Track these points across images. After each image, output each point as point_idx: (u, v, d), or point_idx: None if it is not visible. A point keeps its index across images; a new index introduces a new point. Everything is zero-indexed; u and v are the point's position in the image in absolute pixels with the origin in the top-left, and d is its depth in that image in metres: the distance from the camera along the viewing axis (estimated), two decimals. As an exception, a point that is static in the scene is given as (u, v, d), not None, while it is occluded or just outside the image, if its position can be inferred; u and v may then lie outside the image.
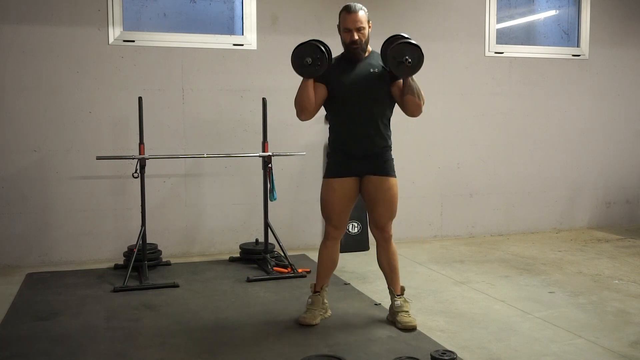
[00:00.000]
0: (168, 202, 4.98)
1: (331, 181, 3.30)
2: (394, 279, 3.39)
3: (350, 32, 3.23)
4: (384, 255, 3.37)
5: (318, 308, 3.34)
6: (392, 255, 3.37)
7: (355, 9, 3.22)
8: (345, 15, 3.23)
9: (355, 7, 3.23)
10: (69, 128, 4.72)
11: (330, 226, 3.33)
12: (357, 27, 3.22)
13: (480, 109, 5.79)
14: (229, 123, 5.06)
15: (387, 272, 3.39)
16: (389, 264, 3.37)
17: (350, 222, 5.16)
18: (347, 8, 3.24)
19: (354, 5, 3.25)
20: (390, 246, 3.36)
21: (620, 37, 6.19)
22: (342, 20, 3.26)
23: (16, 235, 4.66)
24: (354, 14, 3.21)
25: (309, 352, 2.90)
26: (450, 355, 2.75)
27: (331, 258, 3.37)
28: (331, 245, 3.34)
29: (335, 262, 3.40)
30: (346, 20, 3.23)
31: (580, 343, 3.06)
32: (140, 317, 3.44)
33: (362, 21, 3.22)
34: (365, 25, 3.24)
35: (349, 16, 3.21)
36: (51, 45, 4.63)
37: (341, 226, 3.33)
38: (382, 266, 3.41)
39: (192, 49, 4.95)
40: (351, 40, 3.25)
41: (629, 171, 6.43)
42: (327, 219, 3.34)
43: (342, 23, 3.27)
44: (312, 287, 3.43)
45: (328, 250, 3.35)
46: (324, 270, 3.38)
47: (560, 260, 4.87)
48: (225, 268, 4.59)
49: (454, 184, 5.77)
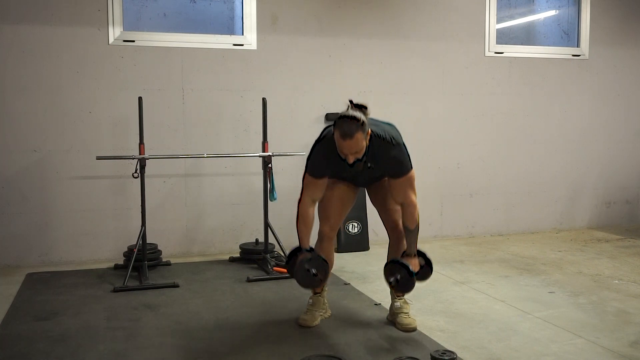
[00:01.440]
0: (168, 202, 4.98)
1: (334, 179, 3.26)
2: None
3: (345, 155, 2.92)
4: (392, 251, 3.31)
5: (318, 309, 3.34)
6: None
7: (351, 133, 2.82)
8: (339, 140, 2.87)
9: (351, 131, 2.82)
10: (69, 128, 4.72)
11: (327, 226, 3.27)
12: (352, 152, 2.89)
13: (480, 109, 5.79)
14: (229, 123, 5.06)
15: None
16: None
17: (350, 222, 5.16)
18: (342, 132, 2.84)
19: (349, 126, 2.83)
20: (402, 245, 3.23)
21: (620, 37, 6.19)
22: (337, 140, 2.90)
23: (16, 235, 4.66)
24: (348, 140, 2.83)
25: (309, 352, 2.90)
26: (450, 355, 2.75)
27: (328, 259, 3.35)
28: (327, 247, 3.29)
29: (332, 261, 3.39)
30: (340, 145, 2.88)
31: (580, 343, 3.06)
32: (140, 317, 3.44)
33: (359, 143, 2.86)
34: (362, 145, 2.88)
35: (344, 143, 2.85)
36: (51, 45, 4.63)
37: (337, 227, 3.31)
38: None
39: (192, 49, 4.95)
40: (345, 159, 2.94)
41: (629, 171, 6.42)
42: (325, 219, 3.28)
43: (336, 141, 2.91)
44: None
45: (325, 252, 3.29)
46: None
47: (560, 260, 4.87)
48: (225, 268, 4.59)
49: (454, 184, 5.77)
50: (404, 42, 5.48)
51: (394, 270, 3.06)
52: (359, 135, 2.84)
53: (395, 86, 5.50)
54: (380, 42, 5.42)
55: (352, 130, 2.82)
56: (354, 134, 2.83)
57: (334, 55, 5.30)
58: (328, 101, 5.30)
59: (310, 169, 3.14)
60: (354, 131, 2.82)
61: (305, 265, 3.04)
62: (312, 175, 3.12)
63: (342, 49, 5.32)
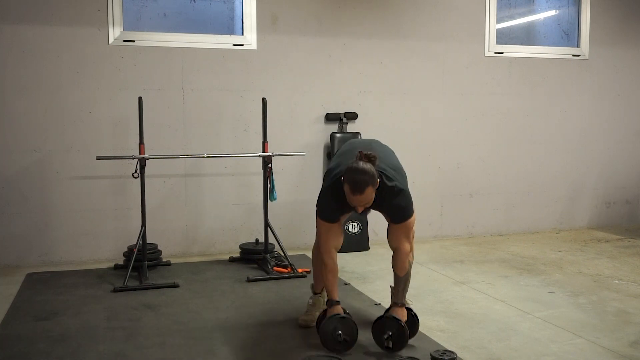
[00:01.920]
0: (168, 202, 4.98)
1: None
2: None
3: (354, 206, 2.91)
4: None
5: (319, 309, 3.33)
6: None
7: (361, 188, 2.81)
8: (349, 194, 2.85)
9: (361, 187, 2.81)
10: (69, 128, 4.72)
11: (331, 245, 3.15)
12: (362, 204, 2.89)
13: (480, 109, 5.79)
14: (229, 123, 5.06)
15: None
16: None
17: (350, 222, 5.16)
18: (352, 187, 2.82)
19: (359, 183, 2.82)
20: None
21: (620, 37, 6.19)
22: (347, 194, 2.88)
23: (16, 235, 4.66)
24: (359, 195, 2.83)
25: (309, 352, 2.90)
26: (450, 355, 2.75)
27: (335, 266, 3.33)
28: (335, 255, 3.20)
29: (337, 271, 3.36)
30: (350, 198, 2.87)
31: (580, 343, 3.06)
32: (140, 317, 3.44)
33: (369, 197, 2.86)
34: (372, 198, 2.88)
35: (354, 197, 2.85)
36: (51, 45, 4.63)
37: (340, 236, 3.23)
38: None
39: (192, 49, 4.95)
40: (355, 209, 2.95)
41: (629, 171, 6.42)
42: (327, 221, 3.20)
43: (345, 193, 2.88)
44: (313, 287, 3.42)
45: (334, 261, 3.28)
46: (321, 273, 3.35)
47: (560, 260, 4.87)
48: (225, 268, 4.59)
49: (454, 184, 5.77)
50: (404, 42, 5.48)
51: (385, 327, 2.91)
52: (369, 190, 2.83)
53: (395, 86, 5.50)
54: (380, 42, 5.42)
55: (362, 186, 2.81)
56: (364, 189, 2.82)
57: (334, 55, 5.30)
58: (328, 101, 5.30)
59: (325, 215, 3.06)
60: (364, 187, 2.81)
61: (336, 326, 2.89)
62: (328, 221, 3.05)
63: (342, 49, 5.32)
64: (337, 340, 2.89)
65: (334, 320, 2.91)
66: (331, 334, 2.89)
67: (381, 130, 5.26)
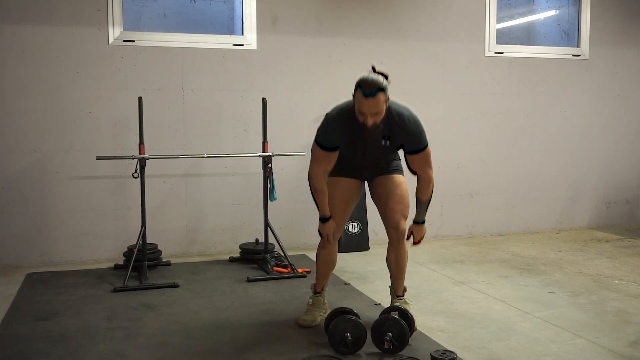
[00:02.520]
0: (168, 202, 4.98)
1: (337, 179, 3.24)
2: (398, 280, 3.34)
3: (364, 116, 2.91)
4: (393, 254, 3.30)
5: (319, 309, 3.33)
6: (402, 257, 3.29)
7: (373, 92, 2.84)
8: (361, 98, 2.86)
9: (372, 90, 2.84)
10: (69, 128, 4.72)
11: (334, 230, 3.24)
12: (372, 112, 2.89)
13: (480, 109, 5.79)
14: (229, 123, 5.07)
15: (394, 271, 3.33)
16: (398, 265, 3.30)
17: (350, 222, 5.16)
18: (364, 90, 2.85)
19: (372, 84, 2.85)
20: (402, 246, 3.27)
21: (620, 37, 6.19)
22: (357, 99, 2.89)
23: (16, 235, 4.66)
24: (371, 99, 2.84)
25: (309, 352, 2.90)
26: (450, 355, 2.75)
27: (331, 259, 3.35)
28: (330, 247, 3.30)
29: (335, 262, 3.38)
30: (361, 103, 2.87)
31: (580, 343, 3.06)
32: (140, 317, 3.44)
33: (380, 104, 2.87)
34: (382, 108, 2.90)
35: (365, 101, 2.85)
36: (51, 45, 4.63)
37: (342, 227, 3.30)
38: (389, 265, 3.34)
39: (192, 49, 4.95)
40: (364, 123, 2.94)
41: (629, 171, 6.43)
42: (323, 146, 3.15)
43: (356, 101, 2.90)
44: (313, 287, 3.42)
45: (328, 252, 3.30)
46: (324, 272, 3.36)
47: (560, 260, 4.87)
48: (225, 268, 4.59)
49: (454, 184, 5.77)
50: (404, 42, 5.48)
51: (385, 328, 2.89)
52: (381, 96, 2.86)
53: (395, 86, 5.45)
54: (380, 42, 5.42)
55: (374, 87, 2.85)
56: (376, 93, 2.85)
57: (334, 55, 5.30)
58: (328, 101, 5.27)
59: (321, 139, 3.09)
60: (376, 88, 2.85)
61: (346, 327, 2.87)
62: (323, 148, 3.08)
63: (342, 49, 5.32)
64: (344, 342, 2.87)
65: (344, 321, 2.90)
66: (340, 334, 2.88)
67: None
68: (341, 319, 2.92)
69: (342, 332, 2.87)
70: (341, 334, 2.87)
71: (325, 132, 3.09)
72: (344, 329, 2.87)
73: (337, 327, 2.89)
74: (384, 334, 2.88)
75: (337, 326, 2.89)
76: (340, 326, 2.88)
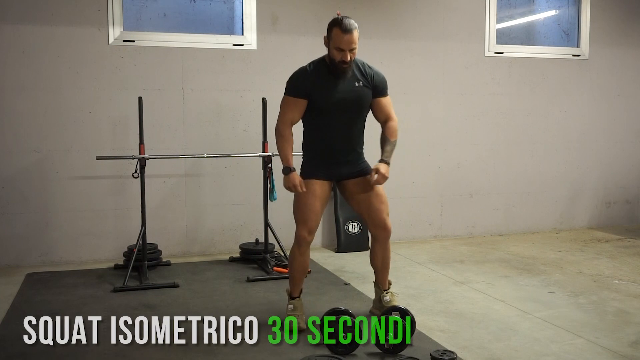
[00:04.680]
0: (168, 202, 4.98)
1: (311, 182, 3.28)
2: (385, 275, 3.43)
3: (343, 52, 3.12)
4: (380, 252, 3.38)
5: (302, 312, 3.31)
6: (388, 253, 3.40)
7: (350, 28, 3.09)
8: (340, 34, 3.10)
9: (350, 26, 3.10)
10: (69, 128, 4.71)
11: (305, 230, 3.25)
12: (350, 48, 3.11)
13: (480, 109, 5.79)
14: (229, 123, 5.06)
15: (380, 269, 3.41)
16: (384, 261, 3.39)
17: (350, 222, 5.17)
18: (342, 26, 3.10)
19: (349, 22, 3.11)
20: (388, 243, 3.38)
21: (620, 37, 6.19)
22: (335, 37, 3.12)
23: (16, 235, 4.66)
24: (349, 34, 3.09)
25: (309, 352, 2.90)
26: (450, 355, 2.75)
27: (306, 265, 3.35)
28: (305, 251, 3.29)
29: (308, 266, 3.38)
30: (340, 39, 3.10)
31: (580, 343, 3.06)
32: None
33: (356, 41, 3.12)
34: (356, 44, 3.14)
35: (344, 36, 3.09)
36: (51, 45, 4.63)
37: (315, 229, 3.29)
38: (375, 263, 3.42)
39: (192, 49, 4.95)
40: (342, 60, 3.13)
41: (629, 171, 6.43)
42: (304, 222, 3.25)
43: (334, 40, 3.13)
44: (289, 292, 3.37)
45: (304, 257, 3.28)
46: (300, 277, 3.33)
47: (560, 260, 4.87)
48: (225, 268, 4.59)
49: (454, 184, 5.77)
50: (404, 42, 5.48)
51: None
52: (356, 33, 3.11)
53: (395, 86, 5.46)
54: (380, 42, 5.41)
55: (351, 26, 3.10)
56: (353, 29, 3.10)
57: (334, 55, 5.29)
58: (328, 101, 5.29)
59: (290, 87, 3.26)
60: (352, 27, 3.10)
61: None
62: (291, 95, 3.24)
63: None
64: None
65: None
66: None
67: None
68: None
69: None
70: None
71: (295, 80, 3.28)
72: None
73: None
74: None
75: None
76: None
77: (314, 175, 3.30)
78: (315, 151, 3.32)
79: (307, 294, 3.50)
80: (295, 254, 3.29)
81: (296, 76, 3.29)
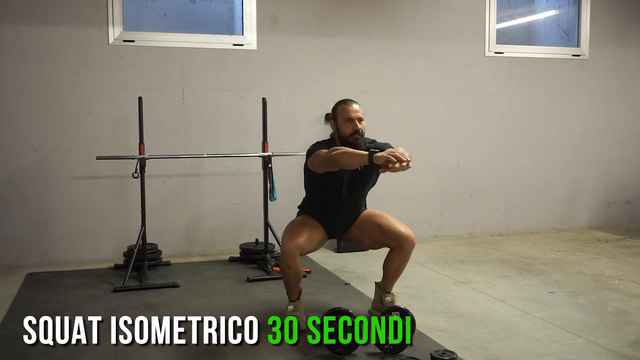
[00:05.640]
0: (168, 202, 4.98)
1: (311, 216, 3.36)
2: (393, 282, 3.43)
3: (352, 122, 3.18)
4: (398, 260, 3.32)
5: (302, 313, 3.31)
6: (406, 263, 3.38)
7: (353, 100, 3.26)
8: (345, 107, 3.22)
9: (352, 101, 3.25)
10: (69, 128, 4.72)
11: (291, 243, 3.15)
12: (358, 117, 3.20)
13: (480, 109, 5.79)
14: (229, 123, 5.06)
15: (391, 275, 3.39)
16: (398, 270, 3.38)
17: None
18: (345, 101, 3.25)
19: (351, 99, 3.28)
20: (410, 254, 3.36)
21: (620, 37, 6.19)
22: (342, 112, 3.22)
23: (16, 235, 4.66)
24: (354, 103, 3.23)
25: (309, 352, 2.90)
26: (450, 355, 2.75)
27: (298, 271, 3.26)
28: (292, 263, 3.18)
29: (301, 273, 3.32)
30: (347, 111, 3.20)
31: (580, 343, 3.06)
32: (140, 317, 3.44)
33: (362, 112, 3.23)
34: (363, 116, 3.23)
35: (350, 107, 3.21)
36: (51, 45, 4.63)
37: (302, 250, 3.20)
38: (388, 268, 3.37)
39: (192, 49, 4.95)
40: (354, 130, 3.18)
41: (629, 171, 6.43)
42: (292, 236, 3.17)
43: (342, 114, 3.21)
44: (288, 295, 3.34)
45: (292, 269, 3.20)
46: (296, 283, 3.29)
47: (560, 260, 4.87)
48: (225, 268, 4.59)
49: (454, 184, 5.77)
50: (404, 42, 5.48)
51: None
52: (360, 107, 3.23)
53: (395, 86, 5.51)
54: (380, 42, 5.42)
55: (353, 101, 3.25)
56: (355, 103, 3.23)
57: (334, 55, 5.30)
58: (328, 101, 5.29)
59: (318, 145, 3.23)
60: (355, 102, 3.25)
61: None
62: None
63: (342, 49, 5.32)
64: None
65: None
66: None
67: (381, 130, 5.24)
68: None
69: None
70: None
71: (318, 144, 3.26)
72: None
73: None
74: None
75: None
76: None
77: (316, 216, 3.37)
78: (316, 210, 3.38)
79: (307, 294, 3.50)
80: (283, 267, 3.22)
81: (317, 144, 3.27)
